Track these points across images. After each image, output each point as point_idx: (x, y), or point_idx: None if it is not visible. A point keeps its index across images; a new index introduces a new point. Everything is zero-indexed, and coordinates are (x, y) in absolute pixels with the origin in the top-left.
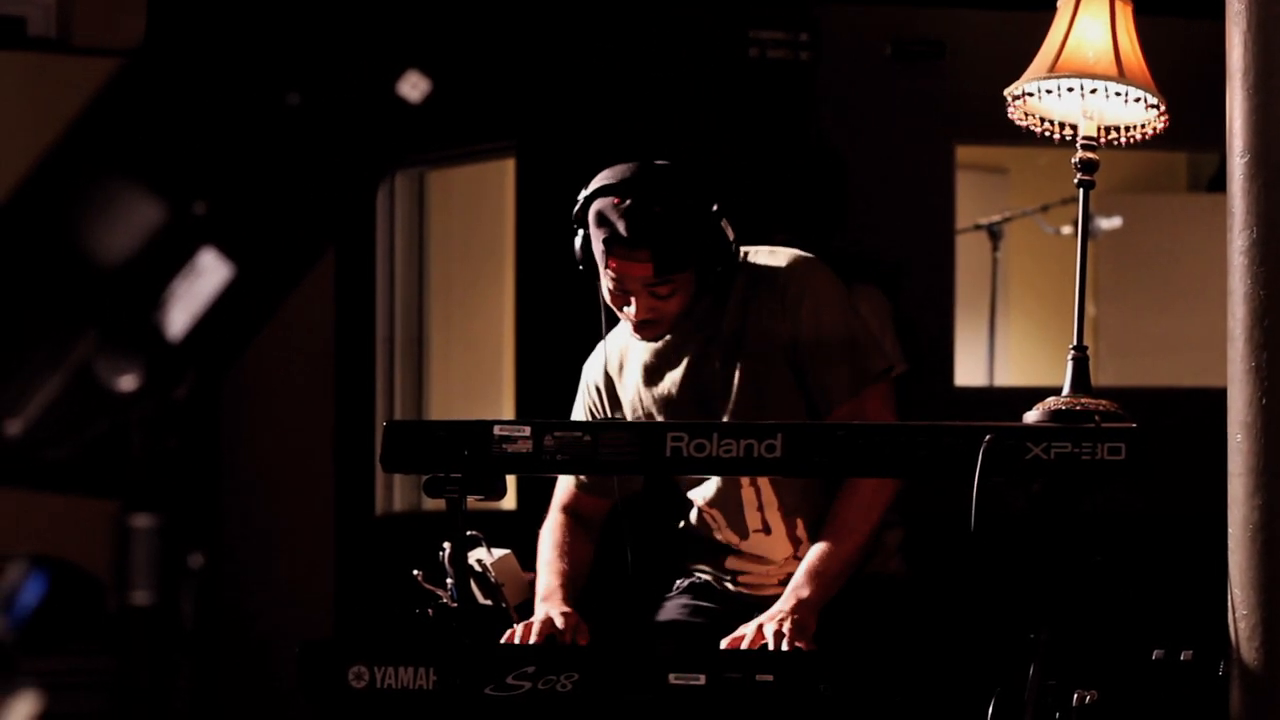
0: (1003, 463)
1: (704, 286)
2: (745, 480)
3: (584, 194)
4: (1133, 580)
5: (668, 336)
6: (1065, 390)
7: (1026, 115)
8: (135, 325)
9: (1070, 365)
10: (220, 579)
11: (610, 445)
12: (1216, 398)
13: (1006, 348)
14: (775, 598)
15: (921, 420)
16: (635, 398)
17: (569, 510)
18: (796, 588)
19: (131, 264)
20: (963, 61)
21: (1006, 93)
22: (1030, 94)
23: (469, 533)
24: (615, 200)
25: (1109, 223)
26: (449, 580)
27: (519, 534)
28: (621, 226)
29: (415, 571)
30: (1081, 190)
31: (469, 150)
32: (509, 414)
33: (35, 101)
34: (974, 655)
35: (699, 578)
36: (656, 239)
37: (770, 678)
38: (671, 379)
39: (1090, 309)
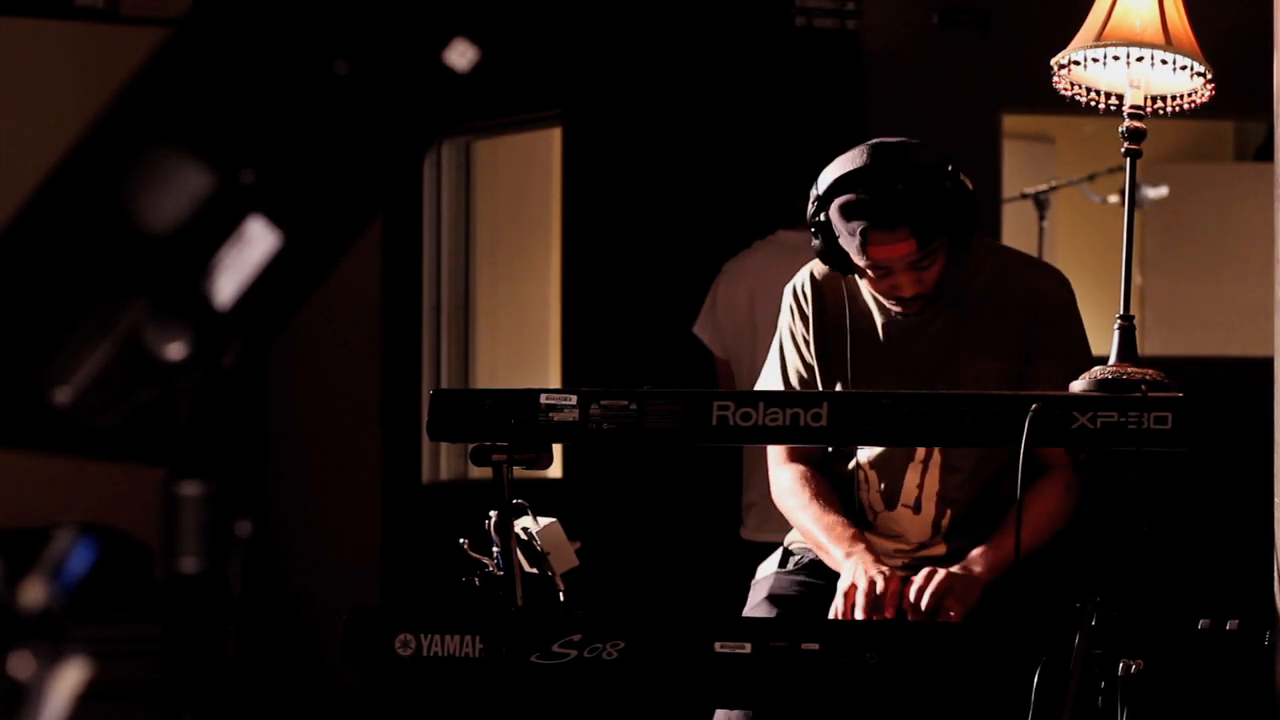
0: (1049, 432)
1: (955, 246)
2: (920, 451)
3: (817, 192)
4: (1179, 550)
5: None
6: (1112, 359)
7: (1073, 84)
8: (183, 293)
9: (1117, 334)
10: (267, 547)
11: (657, 414)
12: (1263, 367)
13: None
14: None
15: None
16: (855, 357)
17: (797, 458)
18: (971, 561)
19: (179, 232)
20: (1009, 30)
21: (1053, 62)
22: (1077, 63)
23: (515, 501)
24: (858, 191)
25: (1155, 192)
26: (495, 549)
27: (565, 502)
28: (873, 214)
29: (461, 540)
30: (1128, 159)
31: (516, 119)
32: (555, 382)
33: (83, 71)
34: (1021, 625)
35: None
36: (911, 214)
37: (816, 646)
38: (901, 344)
39: (1137, 278)
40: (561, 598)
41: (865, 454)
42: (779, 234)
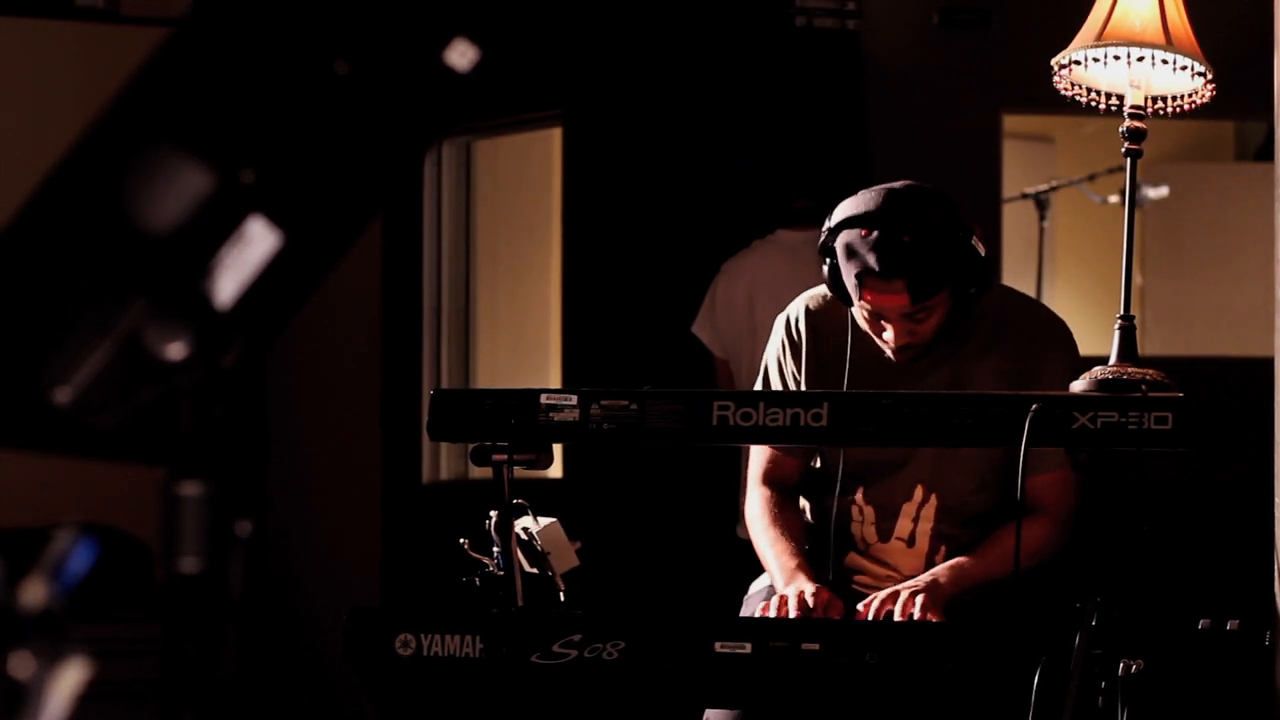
0: (1049, 432)
1: (959, 304)
2: (919, 494)
3: (828, 225)
4: (1179, 550)
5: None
6: (1112, 360)
7: (1073, 84)
8: (183, 293)
9: (1117, 335)
10: (267, 547)
11: (657, 414)
12: (1263, 367)
13: None
14: None
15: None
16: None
17: (771, 482)
18: (937, 573)
19: (179, 232)
20: (1010, 30)
21: (1054, 62)
22: (1077, 63)
23: (515, 501)
24: (863, 232)
25: (1156, 192)
26: (495, 549)
27: (565, 502)
28: (872, 260)
29: (461, 540)
30: (1129, 159)
31: (516, 119)
32: (555, 382)
33: (83, 72)
34: (1021, 625)
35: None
36: (910, 269)
37: (816, 646)
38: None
39: (1137, 278)
40: (561, 598)
41: (862, 493)
42: (779, 234)
